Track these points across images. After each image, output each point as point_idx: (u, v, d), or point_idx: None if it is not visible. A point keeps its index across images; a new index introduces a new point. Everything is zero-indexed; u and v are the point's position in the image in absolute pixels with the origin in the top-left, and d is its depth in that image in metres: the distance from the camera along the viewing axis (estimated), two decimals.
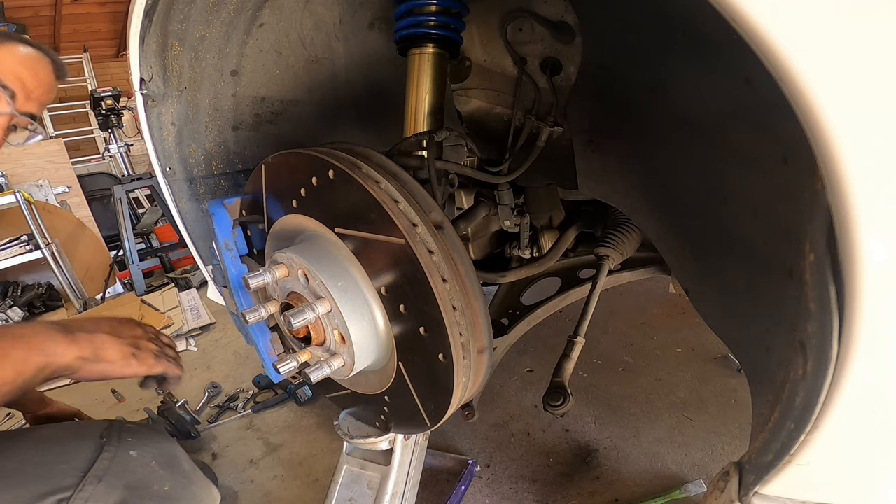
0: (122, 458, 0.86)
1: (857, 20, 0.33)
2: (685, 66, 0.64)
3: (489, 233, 1.37)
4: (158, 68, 0.99)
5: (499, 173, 1.11)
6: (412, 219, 0.70)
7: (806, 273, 0.42)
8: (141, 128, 1.07)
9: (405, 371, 0.79)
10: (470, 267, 0.73)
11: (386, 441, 1.01)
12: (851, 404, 0.41)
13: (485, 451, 1.48)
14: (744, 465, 0.54)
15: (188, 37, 0.97)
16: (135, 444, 0.90)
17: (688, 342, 1.91)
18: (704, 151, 0.69)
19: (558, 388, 1.04)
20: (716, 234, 0.74)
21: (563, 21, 0.97)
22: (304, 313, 0.72)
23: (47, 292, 3.33)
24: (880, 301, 0.36)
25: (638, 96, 0.83)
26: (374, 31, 1.22)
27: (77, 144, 6.31)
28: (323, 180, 0.75)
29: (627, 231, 1.27)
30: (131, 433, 0.93)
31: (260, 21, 1.02)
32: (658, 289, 2.28)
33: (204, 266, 1.27)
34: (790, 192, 0.47)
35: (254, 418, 1.80)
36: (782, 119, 0.38)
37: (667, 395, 1.64)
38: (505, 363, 1.84)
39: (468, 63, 1.20)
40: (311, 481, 1.46)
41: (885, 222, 0.35)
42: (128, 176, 3.69)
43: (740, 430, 1.44)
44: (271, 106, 1.21)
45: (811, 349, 0.42)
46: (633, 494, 1.29)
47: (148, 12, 0.89)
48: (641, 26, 0.72)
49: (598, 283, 1.20)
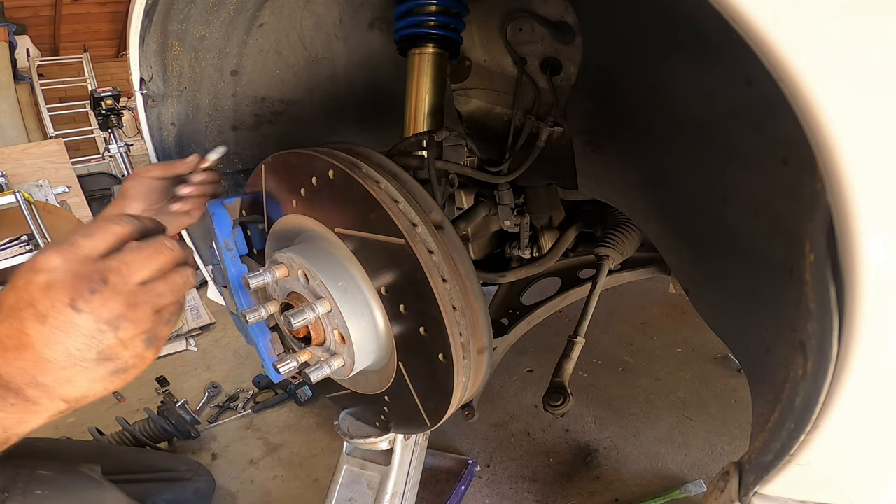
0: None
1: (857, 20, 0.33)
2: (685, 66, 0.65)
3: (489, 233, 1.37)
4: (158, 68, 0.99)
5: (499, 173, 1.11)
6: (412, 219, 0.70)
7: (806, 273, 0.42)
8: (141, 128, 1.07)
9: (405, 371, 0.79)
10: (470, 267, 0.73)
11: (386, 441, 1.01)
12: (851, 404, 0.41)
13: (485, 451, 1.48)
14: (744, 465, 0.54)
15: (188, 37, 0.97)
16: (44, 497, 0.76)
17: (688, 342, 1.91)
18: (704, 151, 0.69)
19: (558, 388, 1.04)
20: (716, 234, 0.74)
21: (563, 21, 0.97)
22: (304, 313, 0.72)
23: None
24: (880, 301, 0.36)
25: (638, 96, 0.83)
26: (374, 31, 1.22)
27: (77, 144, 6.30)
28: (323, 180, 0.75)
29: (627, 231, 1.27)
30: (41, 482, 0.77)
31: (260, 21, 1.02)
32: (658, 289, 2.28)
33: (204, 266, 1.27)
34: (790, 191, 0.47)
35: (254, 418, 1.80)
36: (782, 119, 0.38)
37: (667, 395, 1.64)
38: (505, 363, 1.84)
39: (468, 63, 1.20)
40: (311, 481, 1.46)
41: (885, 222, 0.35)
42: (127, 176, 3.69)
43: (740, 430, 1.44)
44: (271, 106, 1.21)
45: (811, 349, 0.42)
46: (633, 494, 1.29)
47: (148, 12, 0.89)
48: (641, 26, 0.72)
49: (598, 283, 1.20)
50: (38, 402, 0.50)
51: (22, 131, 5.85)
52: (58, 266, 0.49)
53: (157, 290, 0.53)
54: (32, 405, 0.50)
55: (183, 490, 1.32)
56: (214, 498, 1.43)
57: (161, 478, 1.05)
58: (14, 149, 3.87)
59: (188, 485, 1.35)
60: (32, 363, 0.48)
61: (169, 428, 1.61)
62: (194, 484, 1.37)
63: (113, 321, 0.49)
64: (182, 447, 1.68)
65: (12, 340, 0.48)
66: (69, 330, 0.48)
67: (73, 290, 0.48)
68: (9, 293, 0.49)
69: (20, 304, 0.48)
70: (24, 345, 0.48)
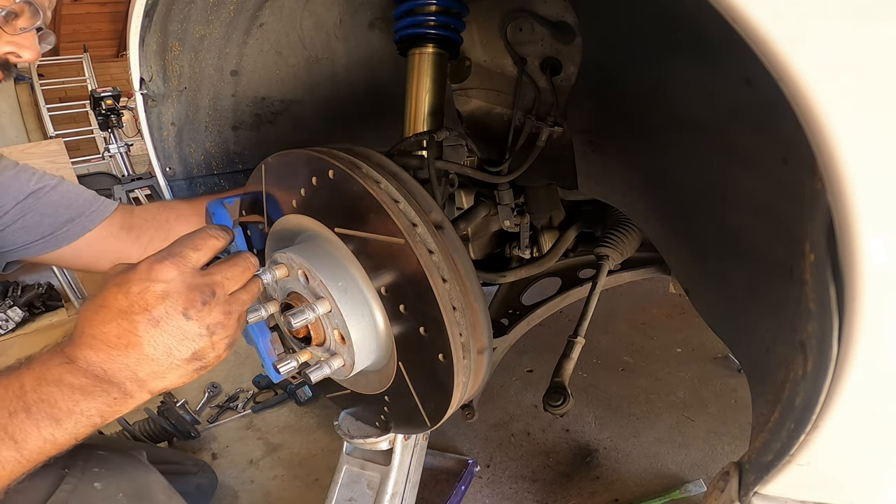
0: (83, 491, 0.76)
1: (857, 20, 0.33)
2: (685, 66, 0.65)
3: (489, 233, 1.37)
4: (158, 68, 0.99)
5: (499, 173, 1.11)
6: (412, 219, 0.70)
7: (806, 273, 0.42)
8: (141, 128, 1.07)
9: (405, 371, 0.79)
10: (470, 267, 0.73)
11: (386, 441, 1.01)
12: (851, 404, 0.41)
13: (485, 451, 1.48)
14: (744, 465, 0.54)
15: (188, 37, 0.97)
16: (101, 474, 0.81)
17: (688, 342, 1.91)
18: (705, 151, 0.69)
19: (558, 388, 1.04)
20: (716, 234, 0.74)
21: (563, 21, 0.97)
22: (304, 313, 0.72)
23: (47, 292, 3.33)
24: (880, 301, 0.36)
25: (638, 96, 0.83)
26: (374, 31, 1.22)
27: (77, 144, 6.30)
28: (323, 180, 0.75)
29: (627, 231, 1.27)
30: (99, 462, 0.83)
31: (260, 21, 1.02)
32: (658, 289, 2.28)
33: None
34: (790, 191, 0.47)
35: (254, 418, 1.80)
36: (782, 119, 0.38)
37: (667, 395, 1.64)
38: (505, 363, 1.84)
39: (468, 63, 1.20)
40: (311, 481, 1.46)
41: (885, 222, 0.35)
42: (128, 176, 3.70)
43: (740, 430, 1.44)
44: (271, 106, 1.21)
45: (811, 349, 0.42)
46: (633, 494, 1.29)
47: (148, 12, 0.89)
48: (641, 26, 0.72)
49: (598, 283, 1.20)
50: (132, 395, 0.58)
51: (22, 131, 5.85)
52: (174, 278, 0.56)
53: (242, 298, 0.64)
54: (128, 397, 0.58)
55: (186, 484, 1.32)
56: (215, 496, 1.43)
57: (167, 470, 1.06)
58: (14, 149, 3.87)
59: (192, 479, 1.35)
60: (135, 360, 0.56)
61: (169, 428, 1.61)
62: (198, 479, 1.37)
63: (212, 327, 0.58)
64: (182, 447, 1.68)
65: (121, 340, 0.55)
66: (177, 334, 0.56)
67: (188, 301, 0.56)
68: (119, 297, 0.55)
69: (134, 308, 0.55)
70: (132, 344, 0.55)
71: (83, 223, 0.99)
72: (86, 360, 0.56)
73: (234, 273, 0.62)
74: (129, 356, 0.56)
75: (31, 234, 0.97)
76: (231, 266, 0.62)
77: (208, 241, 0.62)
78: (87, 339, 0.56)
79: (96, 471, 0.81)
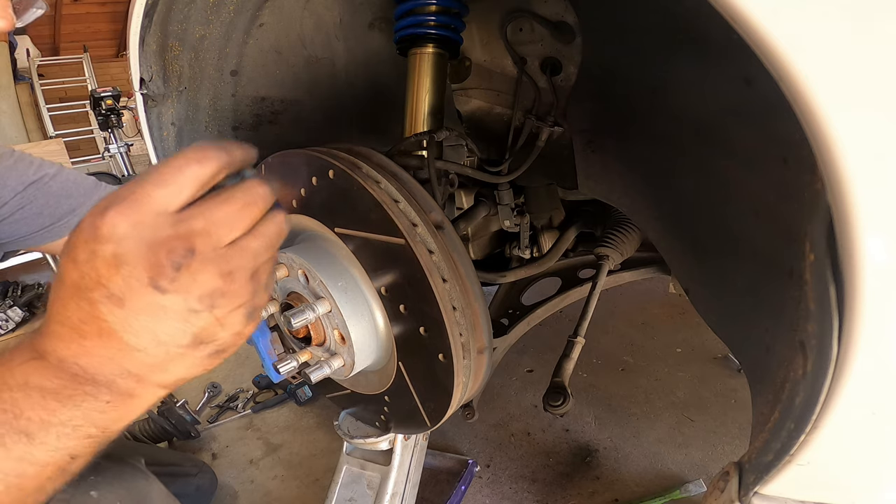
0: (79, 500, 0.73)
1: (857, 20, 0.33)
2: (685, 66, 0.65)
3: (489, 233, 1.37)
4: (158, 68, 0.99)
5: (499, 173, 1.11)
6: (412, 219, 0.70)
7: (806, 273, 0.42)
8: (141, 128, 1.07)
9: (405, 371, 0.79)
10: (470, 267, 0.73)
11: (386, 441, 1.01)
12: (851, 404, 0.41)
13: (485, 451, 1.48)
14: (744, 465, 0.54)
15: (188, 37, 0.97)
16: (97, 482, 0.77)
17: (688, 342, 1.91)
18: (705, 152, 0.69)
19: (558, 388, 1.04)
20: (716, 234, 0.74)
21: (563, 21, 0.97)
22: (304, 313, 0.72)
23: (47, 292, 3.33)
24: (880, 301, 0.36)
25: (638, 96, 0.83)
26: (374, 31, 1.22)
27: (77, 144, 6.30)
28: (323, 180, 0.75)
29: (627, 231, 1.27)
30: (95, 469, 0.76)
31: (260, 21, 1.02)
32: (658, 289, 2.28)
33: None
34: (790, 192, 0.47)
35: (254, 418, 1.80)
36: (782, 119, 0.38)
37: (667, 395, 1.64)
38: (505, 363, 1.84)
39: (468, 63, 1.20)
40: (311, 481, 1.46)
41: (884, 222, 0.35)
42: (128, 176, 3.69)
43: (740, 430, 1.44)
44: (271, 106, 1.21)
45: (811, 349, 0.42)
46: (633, 494, 1.29)
47: (148, 12, 0.89)
48: (642, 27, 0.72)
49: (598, 283, 1.20)
50: (133, 394, 0.43)
51: (22, 131, 5.85)
52: (125, 234, 0.37)
53: (251, 248, 0.42)
54: (128, 398, 0.43)
55: (186, 486, 1.32)
56: (215, 496, 1.43)
57: (166, 472, 1.06)
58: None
59: (192, 480, 1.35)
60: (117, 352, 0.40)
61: (169, 428, 1.61)
62: (197, 480, 1.37)
63: (206, 298, 0.40)
64: (182, 447, 1.68)
65: (88, 326, 0.39)
66: (155, 313, 0.39)
67: (152, 267, 0.37)
68: (69, 266, 0.39)
69: (86, 282, 0.38)
70: (104, 331, 0.39)
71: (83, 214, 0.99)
72: (56, 356, 0.41)
73: (227, 213, 0.40)
74: (107, 346, 0.40)
75: (31, 225, 0.95)
76: (222, 203, 0.40)
77: (184, 169, 0.40)
78: (54, 327, 0.41)
79: (92, 479, 0.77)
